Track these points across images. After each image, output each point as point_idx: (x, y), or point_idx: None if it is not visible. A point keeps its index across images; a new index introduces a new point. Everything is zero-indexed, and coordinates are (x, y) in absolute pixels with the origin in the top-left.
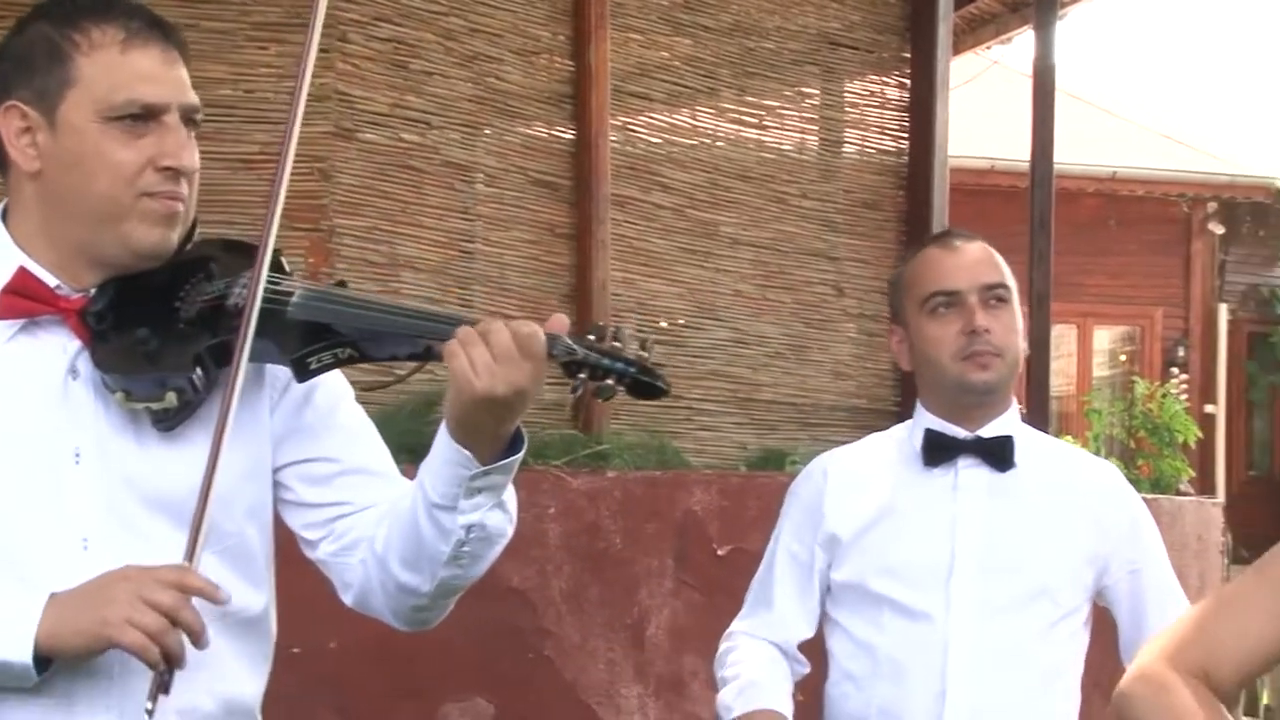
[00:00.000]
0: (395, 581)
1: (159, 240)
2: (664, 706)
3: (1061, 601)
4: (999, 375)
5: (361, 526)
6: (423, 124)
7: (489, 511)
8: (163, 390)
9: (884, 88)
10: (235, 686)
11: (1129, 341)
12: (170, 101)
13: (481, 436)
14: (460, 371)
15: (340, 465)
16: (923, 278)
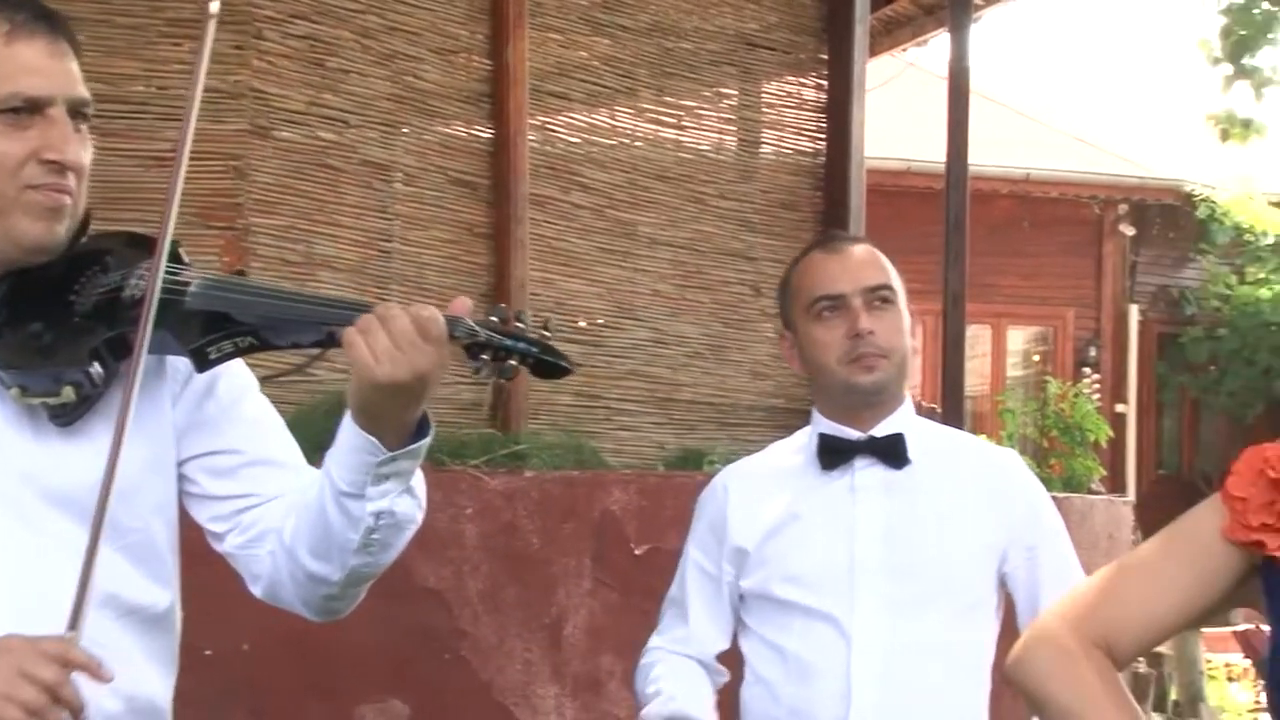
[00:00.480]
0: (305, 571)
1: (44, 233)
2: (580, 706)
3: (967, 593)
4: (885, 376)
5: (268, 518)
6: (340, 122)
7: (397, 498)
8: (59, 385)
9: (801, 89)
10: (142, 685)
11: (1042, 342)
12: (55, 94)
13: (386, 423)
14: (361, 358)
15: (245, 457)
16: (807, 282)
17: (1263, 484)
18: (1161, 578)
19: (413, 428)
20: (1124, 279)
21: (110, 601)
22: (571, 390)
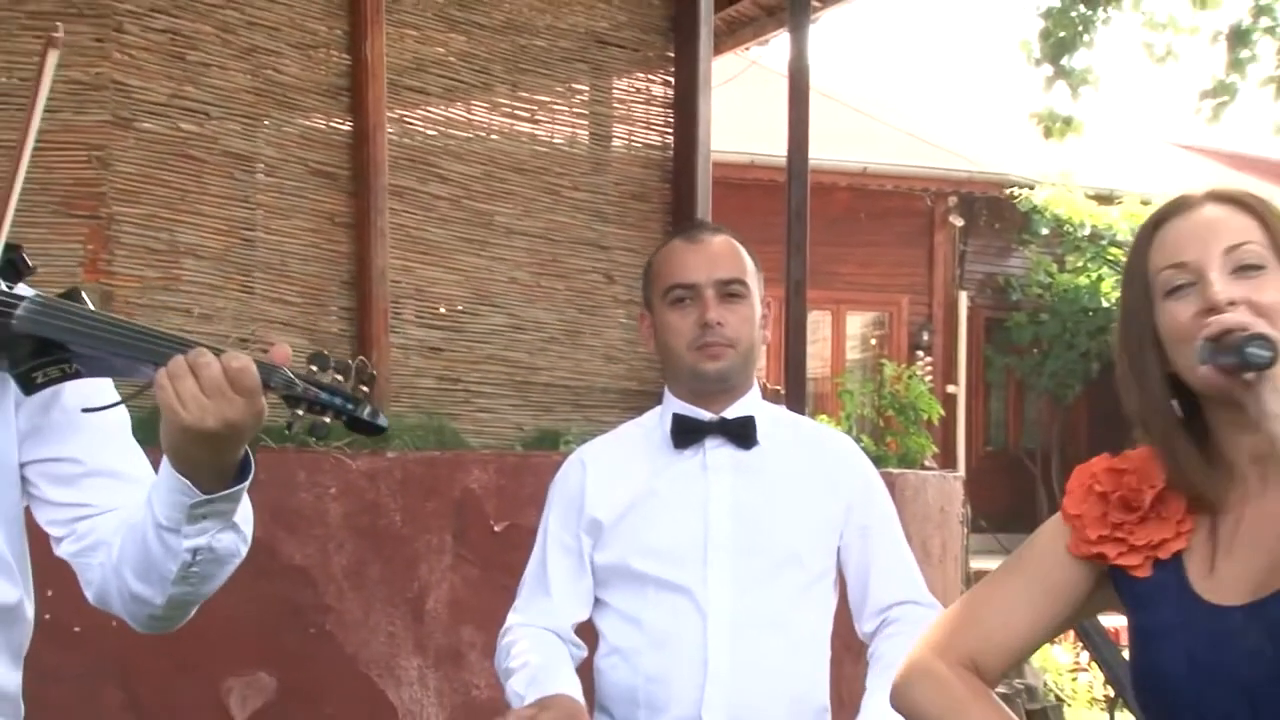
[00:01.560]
0: (129, 591)
1: None
2: (442, 677)
3: (810, 567)
4: (731, 365)
5: (102, 529)
6: (201, 114)
7: (218, 534)
8: None
9: (650, 85)
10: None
11: (878, 326)
12: None
13: (199, 468)
14: (167, 404)
15: (85, 466)
16: (665, 269)
17: (1093, 499)
18: (1017, 598)
19: (233, 471)
20: (954, 267)
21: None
22: (433, 374)
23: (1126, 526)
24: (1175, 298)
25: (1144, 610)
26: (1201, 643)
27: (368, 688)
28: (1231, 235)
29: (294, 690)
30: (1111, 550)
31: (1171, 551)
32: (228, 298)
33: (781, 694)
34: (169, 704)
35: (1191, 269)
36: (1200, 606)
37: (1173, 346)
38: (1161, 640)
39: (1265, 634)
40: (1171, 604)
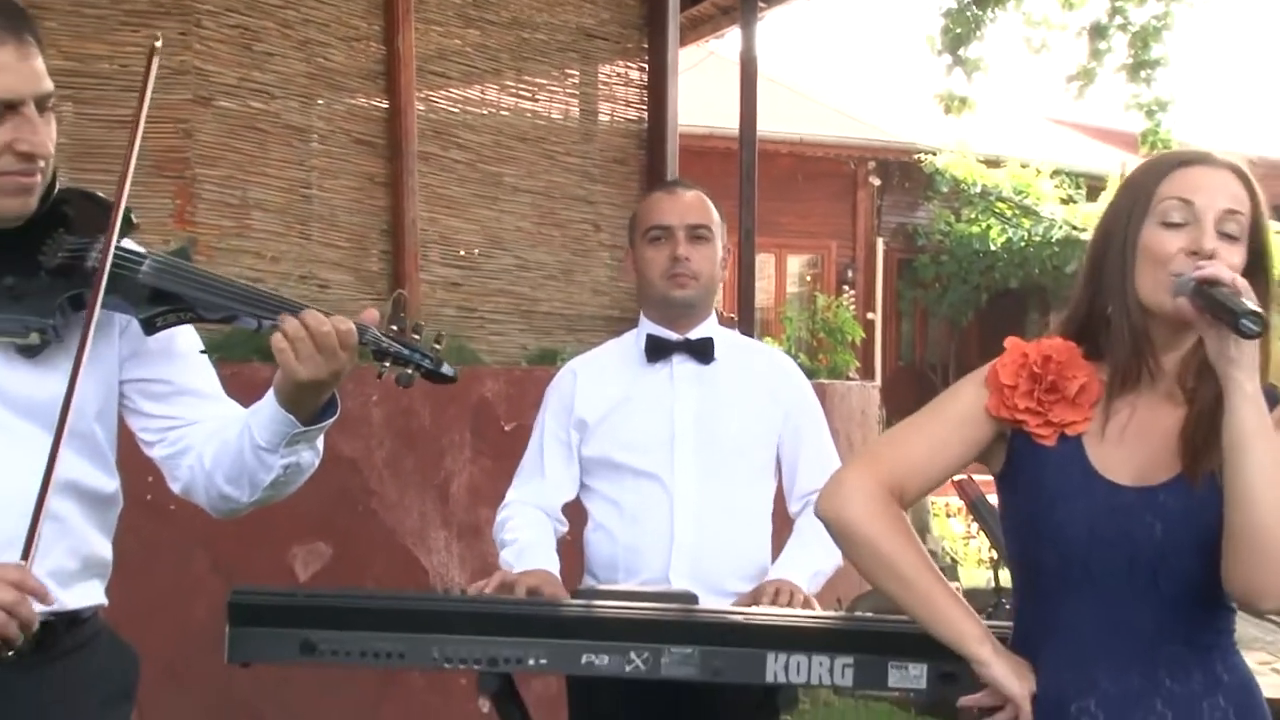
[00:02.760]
0: (219, 491)
1: (18, 208)
2: (464, 546)
3: (755, 459)
4: (695, 293)
5: (190, 438)
6: (266, 94)
7: (304, 452)
8: (26, 330)
9: (628, 71)
10: (92, 548)
11: (812, 266)
12: (24, 94)
13: (301, 407)
14: (287, 362)
15: (175, 386)
16: (646, 214)
17: (1025, 376)
18: (938, 439)
19: (324, 409)
20: (872, 219)
21: (70, 487)
22: (454, 304)
23: (1048, 404)
24: (1168, 227)
25: (1048, 473)
26: (1100, 511)
27: (404, 555)
28: (1232, 201)
29: (345, 557)
30: (1032, 420)
31: (1076, 431)
32: (289, 243)
33: (732, 558)
34: (246, 567)
35: (1194, 211)
36: (1100, 481)
37: (1146, 263)
38: (1066, 502)
39: (1153, 514)
40: (1075, 475)
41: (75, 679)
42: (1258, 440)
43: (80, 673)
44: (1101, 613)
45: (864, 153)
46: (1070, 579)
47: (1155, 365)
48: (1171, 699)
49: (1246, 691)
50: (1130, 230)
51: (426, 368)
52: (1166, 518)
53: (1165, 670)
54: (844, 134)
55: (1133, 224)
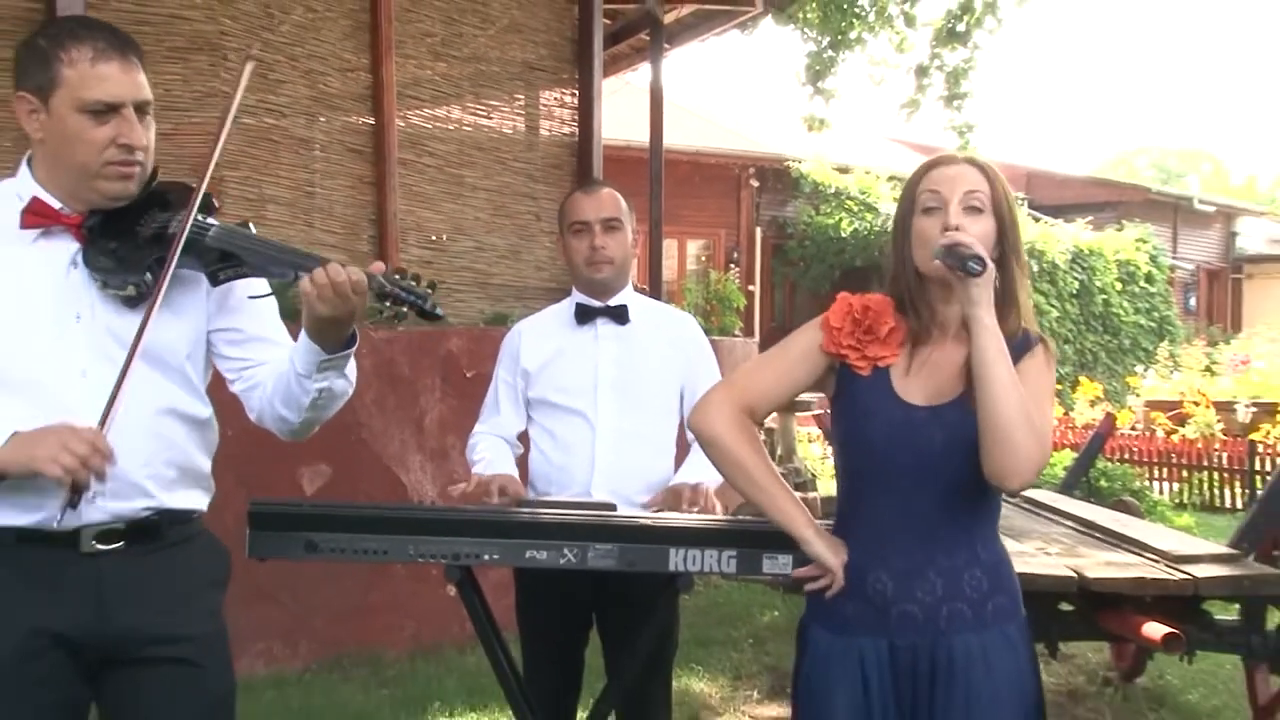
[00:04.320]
0: (277, 414)
1: (120, 191)
2: (435, 467)
3: (663, 398)
4: (610, 274)
5: (259, 375)
6: (278, 113)
7: (335, 380)
8: (125, 284)
9: (563, 96)
10: (190, 461)
11: (706, 249)
12: (126, 99)
13: (326, 338)
14: (311, 304)
15: (247, 334)
16: (570, 211)
17: (849, 320)
18: (783, 369)
19: (345, 340)
20: (753, 212)
21: (170, 411)
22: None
23: (865, 342)
24: (928, 214)
25: (861, 396)
26: (897, 425)
27: (388, 474)
28: (969, 184)
29: (342, 475)
30: (852, 354)
31: (886, 363)
32: (295, 230)
33: (642, 476)
34: (266, 484)
35: (942, 198)
36: (897, 401)
37: (918, 243)
38: (872, 418)
39: (937, 427)
40: (881, 397)
41: (180, 566)
42: (997, 360)
43: (184, 561)
44: (895, 504)
45: (746, 161)
46: (873, 478)
47: (932, 318)
48: (941, 571)
49: (999, 566)
50: (905, 220)
51: (422, 306)
52: (947, 429)
53: (939, 549)
54: (731, 146)
55: (906, 215)
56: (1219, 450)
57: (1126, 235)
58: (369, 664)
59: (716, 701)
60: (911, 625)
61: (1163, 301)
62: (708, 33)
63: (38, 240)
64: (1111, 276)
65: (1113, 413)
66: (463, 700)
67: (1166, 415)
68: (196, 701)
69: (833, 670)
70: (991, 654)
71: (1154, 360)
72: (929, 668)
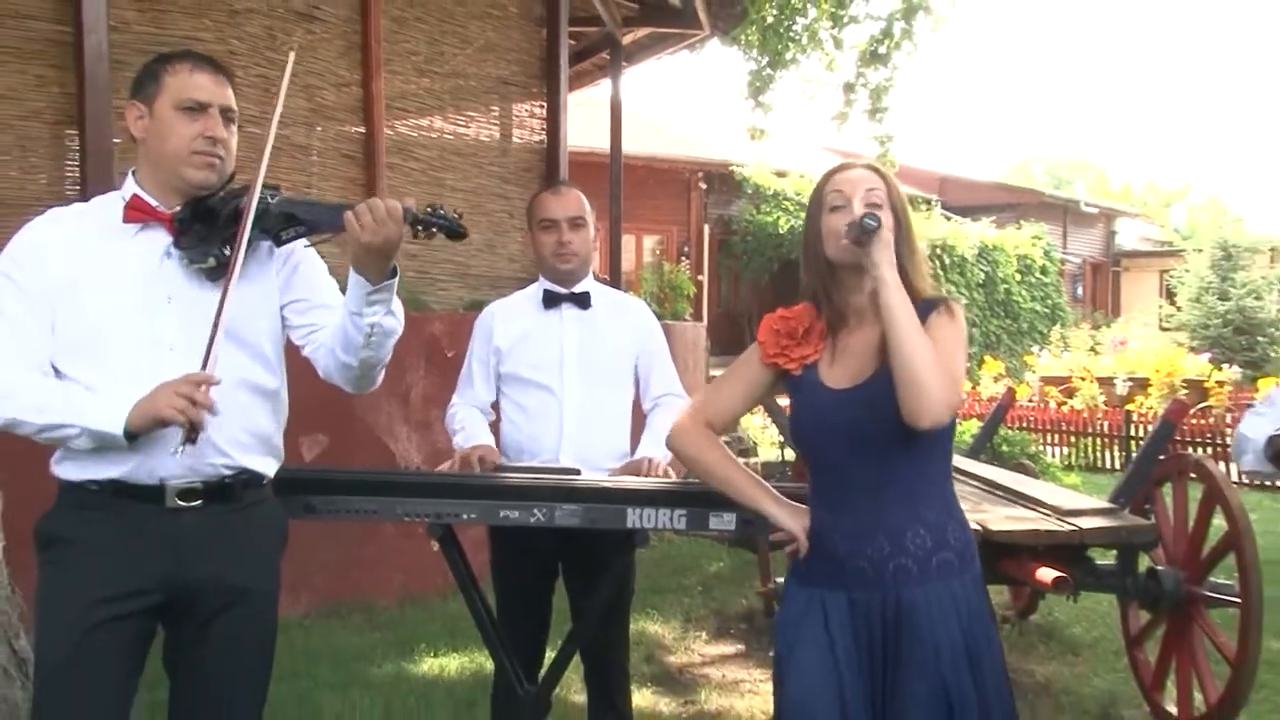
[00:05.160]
0: (339, 361)
1: (204, 180)
2: (419, 437)
3: (620, 375)
4: (574, 266)
5: (323, 335)
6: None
7: (383, 317)
8: (206, 256)
9: (533, 108)
10: (261, 428)
11: (660, 244)
12: (215, 102)
13: (370, 269)
14: (354, 232)
15: (312, 303)
16: (539, 209)
17: (772, 334)
18: (734, 384)
19: (388, 273)
20: (701, 211)
21: (244, 383)
22: (413, 269)
23: (790, 347)
24: (834, 212)
25: (797, 392)
26: (827, 409)
27: (378, 443)
28: (869, 184)
29: (337, 444)
30: (782, 360)
31: (812, 360)
32: None
33: (603, 444)
34: None
35: (845, 196)
36: (824, 389)
37: (828, 239)
38: (805, 408)
39: (859, 406)
40: (813, 388)
41: (254, 525)
42: (901, 311)
43: (257, 521)
44: (839, 475)
45: (695, 166)
46: (818, 456)
47: (846, 306)
48: (886, 531)
49: (943, 525)
50: (815, 220)
51: (451, 227)
52: (870, 404)
53: (883, 511)
54: (682, 153)
55: (816, 216)
56: (1101, 419)
57: (1025, 233)
58: (363, 611)
59: (669, 641)
60: (864, 580)
61: (1055, 290)
62: (661, 52)
63: (138, 235)
64: (1012, 269)
65: (1013, 387)
66: (445, 642)
67: (1058, 389)
68: (253, 647)
69: (802, 619)
70: (936, 606)
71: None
72: (880, 618)
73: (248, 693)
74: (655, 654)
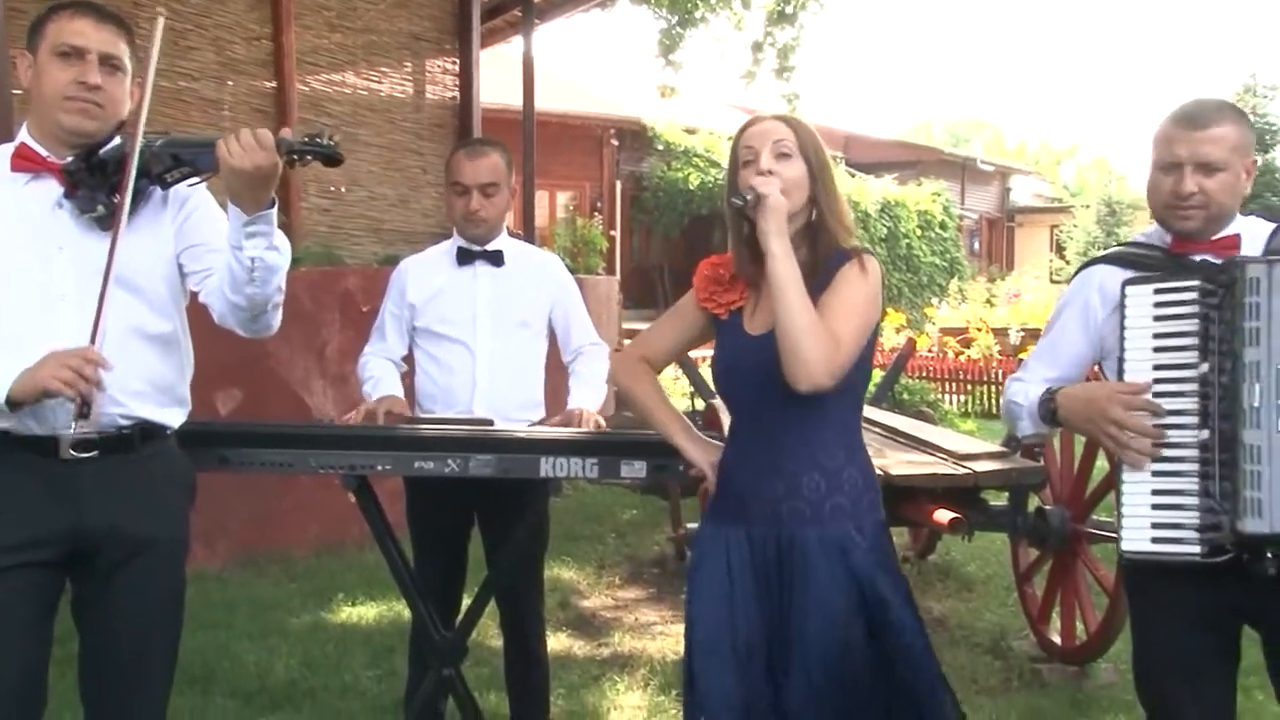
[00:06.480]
0: (229, 302)
1: (77, 125)
2: (335, 390)
3: (534, 328)
4: (484, 232)
5: (217, 279)
6: (189, 76)
7: (265, 250)
8: (95, 204)
9: (446, 64)
10: (158, 375)
11: (573, 199)
12: (92, 49)
13: (245, 198)
14: (224, 156)
15: (206, 247)
16: (454, 170)
17: (704, 279)
18: (674, 325)
19: (265, 204)
20: (614, 168)
21: (138, 330)
22: (326, 224)
23: (718, 293)
24: (746, 166)
25: (723, 335)
26: (744, 353)
27: (293, 397)
28: (777, 135)
29: (252, 398)
30: (711, 305)
31: (737, 306)
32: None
33: (515, 395)
34: None
35: (754, 150)
36: (743, 333)
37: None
38: (725, 351)
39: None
40: (734, 332)
41: (156, 475)
42: (785, 281)
43: (156, 469)
44: (747, 418)
45: (607, 123)
46: (731, 397)
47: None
48: (782, 473)
49: (840, 472)
50: (733, 175)
51: (324, 152)
52: (774, 350)
53: (782, 454)
54: (594, 110)
55: (733, 170)
56: (996, 368)
57: (925, 189)
58: (280, 562)
59: (584, 587)
60: (762, 518)
61: (953, 245)
62: (573, 9)
63: (28, 185)
64: (913, 224)
65: (913, 338)
66: (363, 591)
67: (956, 340)
68: (161, 598)
69: (707, 552)
70: (827, 547)
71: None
72: (776, 555)
73: (158, 644)
74: (570, 599)
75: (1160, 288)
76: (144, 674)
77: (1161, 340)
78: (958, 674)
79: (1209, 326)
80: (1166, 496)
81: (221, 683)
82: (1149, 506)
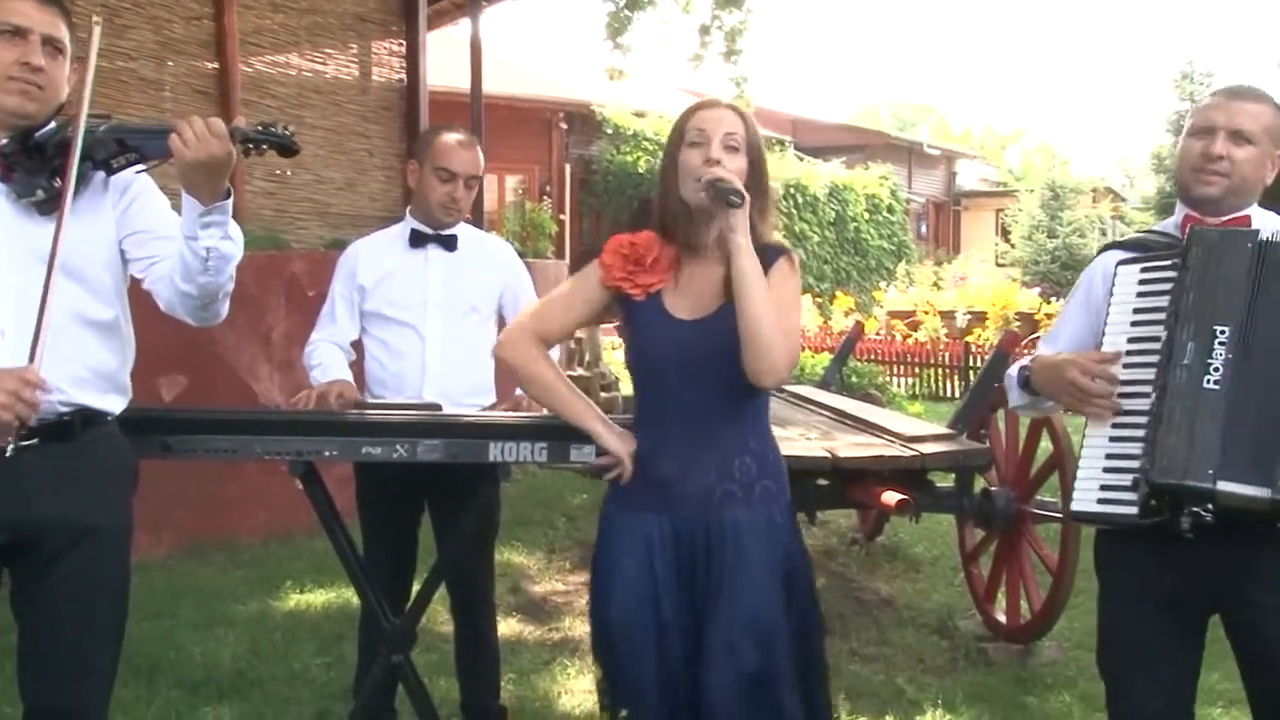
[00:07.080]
0: (179, 291)
1: (18, 106)
2: (281, 376)
3: (483, 313)
4: (459, 218)
5: (164, 267)
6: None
7: (220, 240)
8: (34, 189)
9: (393, 46)
10: (100, 363)
11: (522, 184)
12: (34, 29)
13: (201, 190)
14: (177, 147)
15: (151, 234)
16: (441, 155)
17: (619, 257)
18: (570, 301)
19: (221, 194)
20: (563, 151)
21: (79, 317)
22: (271, 207)
23: (636, 273)
24: (693, 147)
25: (639, 317)
26: (668, 336)
27: (240, 383)
28: (730, 127)
29: (198, 385)
30: (627, 285)
31: (657, 288)
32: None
33: (464, 380)
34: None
35: (706, 135)
36: (667, 317)
37: (684, 173)
38: (647, 334)
39: (700, 335)
40: (655, 315)
41: (97, 463)
42: (754, 278)
43: (96, 455)
44: (673, 403)
45: (556, 106)
46: (653, 382)
47: (698, 240)
48: (714, 458)
49: (766, 455)
50: (673, 152)
51: (279, 142)
52: (709, 337)
53: (713, 439)
54: (543, 93)
55: (674, 148)
56: (943, 351)
57: (873, 173)
58: (226, 550)
59: (534, 572)
60: (689, 504)
61: (901, 229)
62: None
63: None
64: (861, 208)
65: (861, 321)
66: (311, 579)
67: (904, 323)
68: (104, 586)
69: (623, 542)
70: (758, 528)
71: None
72: (704, 539)
73: (101, 634)
74: (520, 584)
75: (1146, 266)
76: (87, 665)
77: (1139, 315)
78: (905, 653)
79: (1180, 298)
80: (1117, 460)
81: (167, 673)
82: (1100, 470)
